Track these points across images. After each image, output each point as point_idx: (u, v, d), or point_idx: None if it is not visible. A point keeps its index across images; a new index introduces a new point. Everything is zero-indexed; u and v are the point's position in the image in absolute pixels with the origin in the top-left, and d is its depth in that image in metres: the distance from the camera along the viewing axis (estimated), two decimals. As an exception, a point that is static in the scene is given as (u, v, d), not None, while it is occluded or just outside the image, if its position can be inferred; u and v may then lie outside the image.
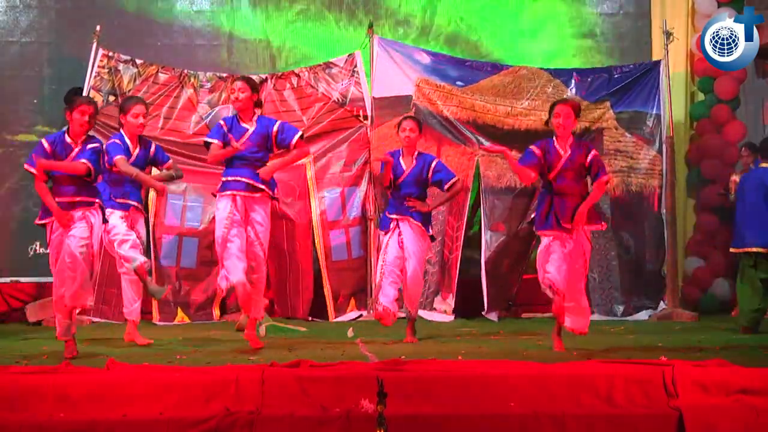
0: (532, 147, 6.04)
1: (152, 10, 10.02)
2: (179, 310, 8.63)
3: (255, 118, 6.25)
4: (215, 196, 6.24)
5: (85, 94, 8.55)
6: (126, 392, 4.28)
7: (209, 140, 6.21)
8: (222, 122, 6.26)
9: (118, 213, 6.46)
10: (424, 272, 7.29)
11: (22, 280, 9.22)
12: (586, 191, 6.06)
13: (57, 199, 5.67)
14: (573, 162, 5.96)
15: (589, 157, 5.98)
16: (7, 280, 9.26)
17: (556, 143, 6.01)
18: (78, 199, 5.71)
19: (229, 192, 6.09)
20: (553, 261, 5.90)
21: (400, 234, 6.63)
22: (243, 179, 6.08)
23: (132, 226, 6.51)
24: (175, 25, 10.05)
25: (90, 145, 5.76)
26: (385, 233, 6.71)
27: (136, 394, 4.28)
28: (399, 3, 10.17)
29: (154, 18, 10.00)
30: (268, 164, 6.21)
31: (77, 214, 5.70)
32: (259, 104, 6.39)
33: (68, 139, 5.75)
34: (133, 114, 6.55)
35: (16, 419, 4.17)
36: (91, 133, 5.90)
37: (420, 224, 6.64)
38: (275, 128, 6.20)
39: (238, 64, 9.97)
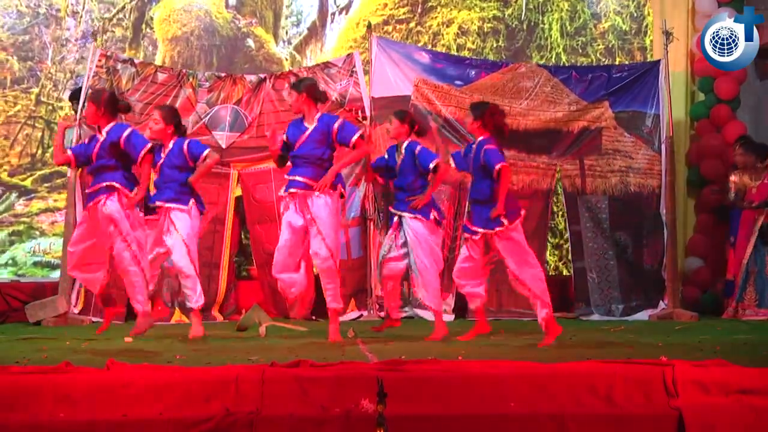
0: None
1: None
2: (177, 310, 8.60)
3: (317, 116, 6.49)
4: None
5: (83, 93, 8.55)
6: (126, 392, 4.27)
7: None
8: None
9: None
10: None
11: (22, 280, 9.21)
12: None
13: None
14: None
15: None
16: (7, 280, 9.24)
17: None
18: None
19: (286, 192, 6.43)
20: None
21: (400, 231, 6.77)
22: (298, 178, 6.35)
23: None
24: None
25: None
26: (390, 229, 6.88)
27: (136, 394, 4.27)
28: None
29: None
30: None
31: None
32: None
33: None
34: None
35: (16, 419, 4.16)
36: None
37: (424, 219, 6.70)
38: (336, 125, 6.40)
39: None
